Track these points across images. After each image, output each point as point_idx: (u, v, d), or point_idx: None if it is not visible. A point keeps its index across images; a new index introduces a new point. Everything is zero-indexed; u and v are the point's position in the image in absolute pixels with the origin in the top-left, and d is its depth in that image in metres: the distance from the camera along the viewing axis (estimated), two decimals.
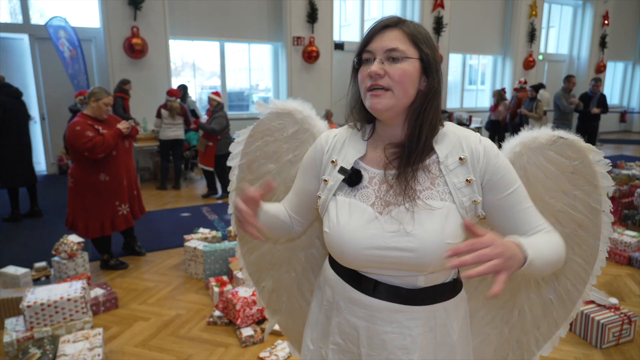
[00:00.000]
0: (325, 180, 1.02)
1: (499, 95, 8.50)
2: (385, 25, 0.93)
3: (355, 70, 0.97)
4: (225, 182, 5.79)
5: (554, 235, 0.94)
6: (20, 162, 4.61)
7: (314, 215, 1.16)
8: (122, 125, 3.34)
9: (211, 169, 5.68)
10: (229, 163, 1.30)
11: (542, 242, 0.89)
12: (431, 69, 0.92)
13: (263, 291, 1.43)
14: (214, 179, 5.93)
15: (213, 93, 5.62)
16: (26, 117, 4.84)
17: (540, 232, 0.94)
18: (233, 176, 1.30)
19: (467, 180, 0.93)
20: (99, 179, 3.27)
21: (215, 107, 5.53)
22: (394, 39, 0.91)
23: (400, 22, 0.93)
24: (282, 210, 1.14)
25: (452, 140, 0.96)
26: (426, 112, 0.93)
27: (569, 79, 7.25)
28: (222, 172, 5.72)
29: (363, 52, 0.94)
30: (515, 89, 8.66)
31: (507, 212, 0.94)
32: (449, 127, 0.98)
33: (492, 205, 0.95)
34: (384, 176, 0.97)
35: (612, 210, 1.05)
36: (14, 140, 4.54)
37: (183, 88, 6.97)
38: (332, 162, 1.02)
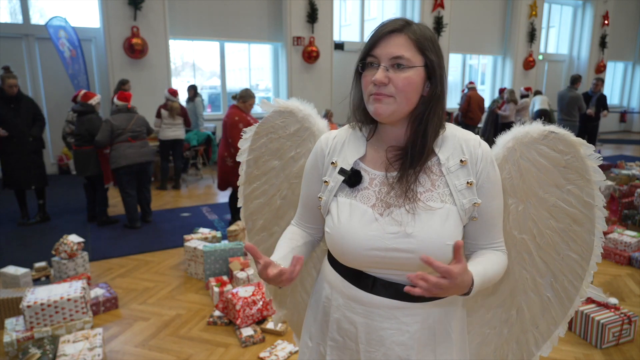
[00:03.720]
0: (326, 182, 1.02)
1: (509, 94, 8.44)
2: (392, 29, 0.90)
3: (359, 73, 0.96)
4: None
5: (500, 255, 1.00)
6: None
7: None
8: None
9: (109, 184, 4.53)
10: (238, 158, 1.34)
11: (489, 265, 0.95)
12: (435, 75, 0.92)
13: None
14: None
15: (119, 96, 4.58)
16: None
17: (492, 249, 1.01)
18: (242, 171, 1.35)
19: (468, 182, 0.94)
20: None
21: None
22: (400, 46, 0.89)
23: (407, 26, 0.90)
24: (298, 232, 1.14)
25: (452, 143, 0.96)
26: (428, 118, 0.93)
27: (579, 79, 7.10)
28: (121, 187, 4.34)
29: (367, 56, 0.92)
30: (463, 90, 8.76)
31: (478, 221, 0.98)
32: (449, 129, 0.99)
33: None
34: (385, 178, 0.97)
35: (606, 205, 1.06)
36: (40, 142, 4.67)
37: (193, 88, 7.01)
38: (332, 163, 1.02)
